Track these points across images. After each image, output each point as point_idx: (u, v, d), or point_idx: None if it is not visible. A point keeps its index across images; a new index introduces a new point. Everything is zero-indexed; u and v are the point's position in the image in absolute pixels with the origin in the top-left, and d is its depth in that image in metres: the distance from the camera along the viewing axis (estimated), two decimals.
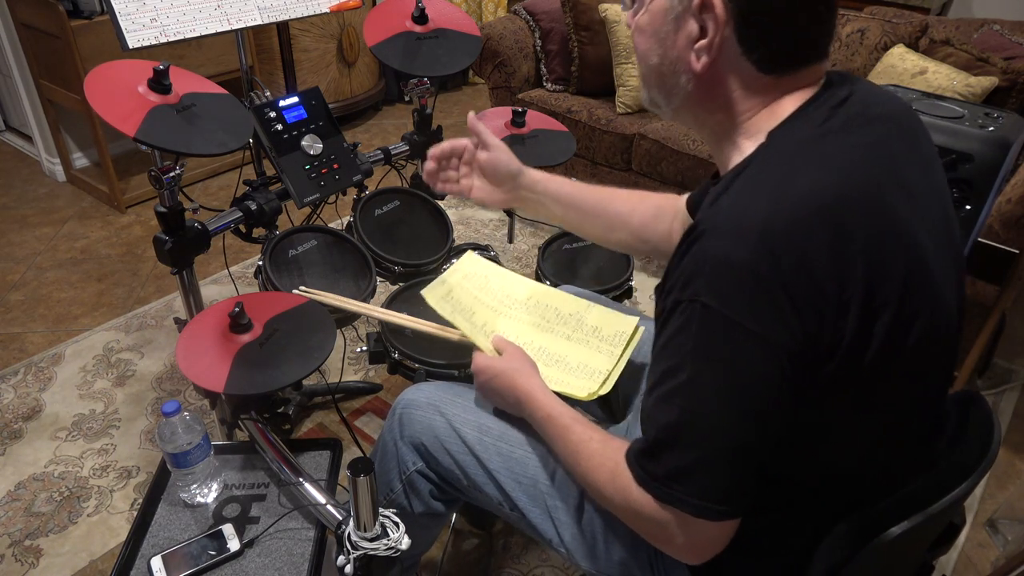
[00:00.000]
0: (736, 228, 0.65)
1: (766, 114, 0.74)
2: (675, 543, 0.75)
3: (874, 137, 0.72)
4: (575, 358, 1.07)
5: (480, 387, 1.00)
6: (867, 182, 0.68)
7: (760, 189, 0.67)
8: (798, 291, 0.63)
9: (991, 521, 1.63)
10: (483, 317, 1.06)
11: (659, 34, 0.77)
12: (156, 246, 1.29)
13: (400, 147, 1.73)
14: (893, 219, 0.68)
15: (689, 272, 0.67)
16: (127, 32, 1.32)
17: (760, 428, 0.68)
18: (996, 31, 2.26)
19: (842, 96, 0.73)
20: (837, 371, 0.66)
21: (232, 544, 0.99)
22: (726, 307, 0.65)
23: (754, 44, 0.72)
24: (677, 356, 0.69)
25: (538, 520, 0.96)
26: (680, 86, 0.78)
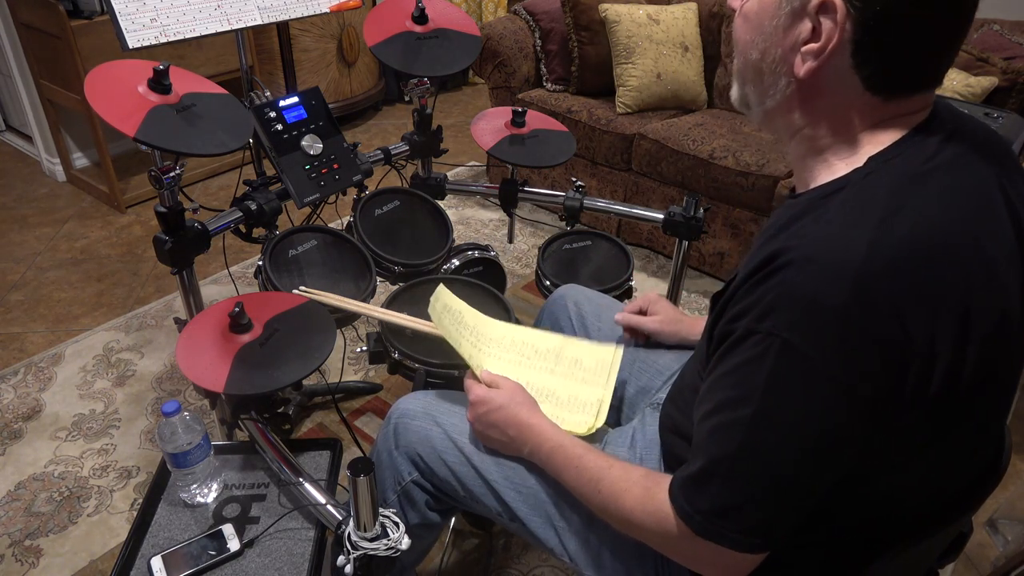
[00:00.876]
0: (829, 266, 0.60)
1: (867, 137, 0.69)
2: (706, 567, 0.74)
3: (978, 180, 0.67)
4: (564, 391, 1.06)
5: (476, 419, 0.96)
6: (968, 231, 0.64)
7: (858, 225, 0.62)
8: (889, 342, 0.60)
9: (991, 521, 1.63)
10: (468, 351, 1.05)
11: (766, 27, 0.70)
12: (156, 246, 1.29)
13: (400, 147, 1.73)
14: (991, 273, 0.64)
15: (770, 303, 0.63)
16: (127, 32, 1.32)
17: (820, 471, 0.66)
18: (996, 31, 2.26)
19: (949, 130, 0.68)
20: (913, 419, 0.64)
21: (232, 544, 0.99)
22: (811, 348, 0.61)
23: (869, 59, 0.65)
24: (743, 388, 0.66)
25: (540, 529, 0.95)
26: (778, 88, 0.72)
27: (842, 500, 0.70)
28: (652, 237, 2.62)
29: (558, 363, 1.11)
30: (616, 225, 2.69)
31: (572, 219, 1.70)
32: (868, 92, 0.67)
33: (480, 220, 2.82)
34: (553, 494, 0.94)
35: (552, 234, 1.62)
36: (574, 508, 0.92)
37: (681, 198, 2.11)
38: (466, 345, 1.06)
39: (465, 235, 2.71)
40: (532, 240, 2.72)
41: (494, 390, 0.96)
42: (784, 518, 0.68)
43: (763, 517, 0.68)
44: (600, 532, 0.91)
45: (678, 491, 0.73)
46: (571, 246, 1.60)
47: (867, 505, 0.72)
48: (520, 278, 2.50)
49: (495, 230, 2.77)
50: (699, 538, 0.70)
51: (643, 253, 2.65)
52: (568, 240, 1.61)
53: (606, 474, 0.82)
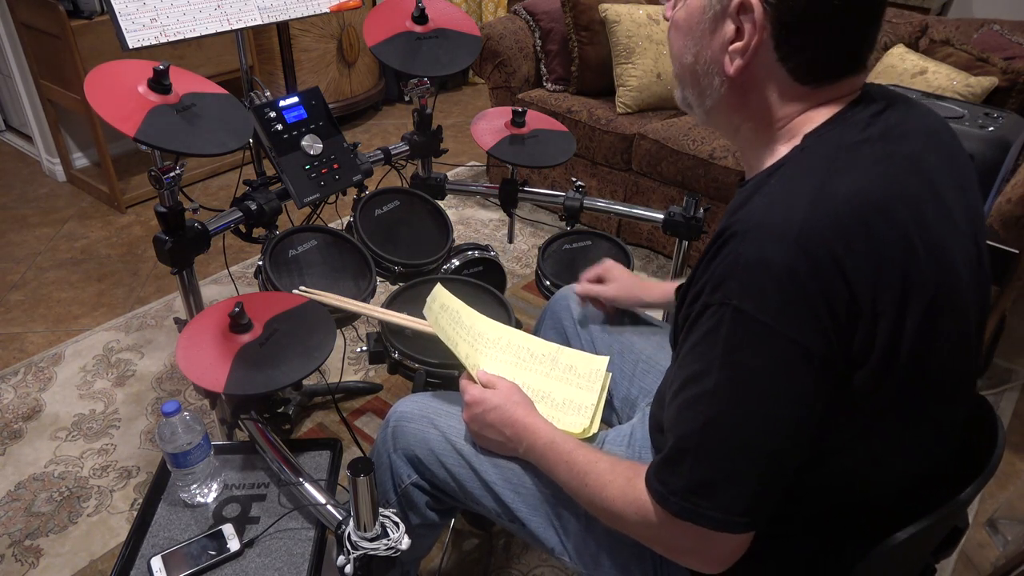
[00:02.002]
0: (772, 230, 0.63)
1: (802, 120, 0.72)
2: (692, 557, 0.74)
3: (912, 149, 0.70)
4: (559, 394, 1.06)
5: (473, 419, 0.96)
6: (905, 193, 0.66)
7: (797, 191, 0.65)
8: (835, 298, 0.62)
9: (991, 521, 1.63)
10: (464, 351, 1.05)
11: (695, 32, 0.75)
12: (156, 246, 1.29)
13: (400, 147, 1.73)
14: (929, 232, 0.66)
15: (720, 274, 0.65)
16: (127, 32, 1.32)
17: (790, 438, 0.66)
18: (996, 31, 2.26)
19: (880, 107, 0.72)
20: (864, 383, 0.65)
21: (232, 544, 0.99)
22: (760, 310, 0.62)
23: (791, 52, 0.69)
24: (703, 361, 0.67)
25: (539, 529, 0.95)
26: (713, 88, 0.76)
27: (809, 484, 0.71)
28: (652, 237, 2.62)
29: (553, 367, 1.11)
30: (616, 225, 2.69)
31: (572, 219, 1.70)
32: (797, 83, 0.71)
33: (480, 220, 2.82)
34: (551, 494, 0.94)
35: (552, 234, 1.62)
36: (572, 508, 0.92)
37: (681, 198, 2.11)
38: (463, 345, 1.06)
39: (465, 235, 2.71)
40: (532, 240, 2.72)
41: (490, 390, 0.96)
42: (760, 492, 0.68)
43: (738, 492, 0.67)
44: (598, 531, 0.91)
45: (653, 475, 0.73)
46: (571, 246, 1.60)
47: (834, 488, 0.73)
48: (520, 278, 2.50)
49: (495, 230, 2.77)
50: (679, 522, 0.70)
51: (643, 253, 2.65)
52: (568, 240, 1.61)
53: (593, 467, 0.83)
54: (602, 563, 0.91)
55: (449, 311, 1.11)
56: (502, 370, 1.05)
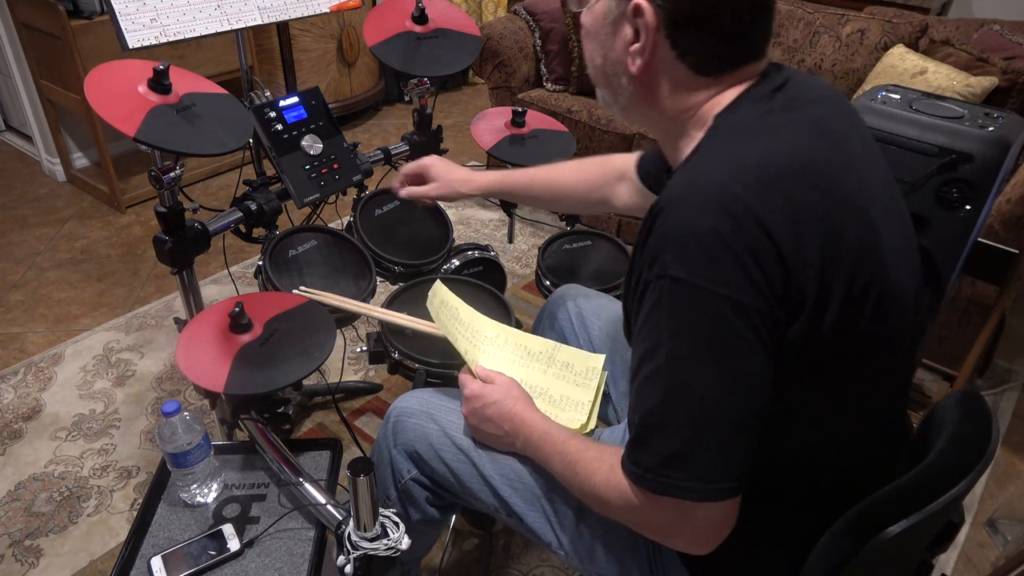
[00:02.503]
0: (694, 198, 0.67)
1: (711, 105, 0.77)
2: (680, 535, 0.74)
3: (815, 115, 0.74)
4: (556, 391, 1.06)
5: (472, 413, 0.97)
6: (813, 152, 0.70)
7: (713, 163, 0.70)
8: (760, 251, 0.65)
9: (991, 521, 1.63)
10: (463, 346, 1.06)
11: (600, 36, 0.80)
12: (156, 246, 1.29)
13: (400, 147, 1.73)
14: (842, 189, 0.70)
15: (654, 250, 0.68)
16: (127, 32, 1.32)
17: (746, 397, 0.68)
18: (996, 31, 2.26)
19: (781, 80, 0.76)
20: (802, 335, 0.67)
21: (232, 544, 0.99)
22: (694, 276, 0.65)
23: (687, 49, 0.74)
24: (652, 336, 0.69)
25: (536, 524, 0.95)
26: (623, 87, 0.81)
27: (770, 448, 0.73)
28: None
29: (550, 365, 1.11)
30: (616, 225, 2.69)
31: (572, 219, 1.70)
32: (698, 76, 0.76)
33: (480, 220, 2.82)
34: (547, 489, 0.94)
35: (552, 234, 1.62)
36: (567, 503, 0.93)
37: None
38: (462, 340, 1.06)
39: (465, 235, 2.71)
40: (532, 240, 2.72)
41: (489, 385, 0.97)
42: (729, 455, 0.69)
43: (709, 458, 0.69)
44: (592, 525, 0.91)
45: (626, 458, 0.75)
46: (571, 246, 1.60)
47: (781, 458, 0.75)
48: (520, 278, 2.50)
49: (495, 230, 2.77)
50: (660, 500, 0.71)
51: None
52: (568, 240, 1.61)
53: (582, 456, 0.84)
54: (597, 557, 0.91)
55: (448, 307, 1.11)
56: (500, 367, 1.05)
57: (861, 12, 2.49)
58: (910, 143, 1.43)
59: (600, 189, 1.24)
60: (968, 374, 1.82)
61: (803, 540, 0.78)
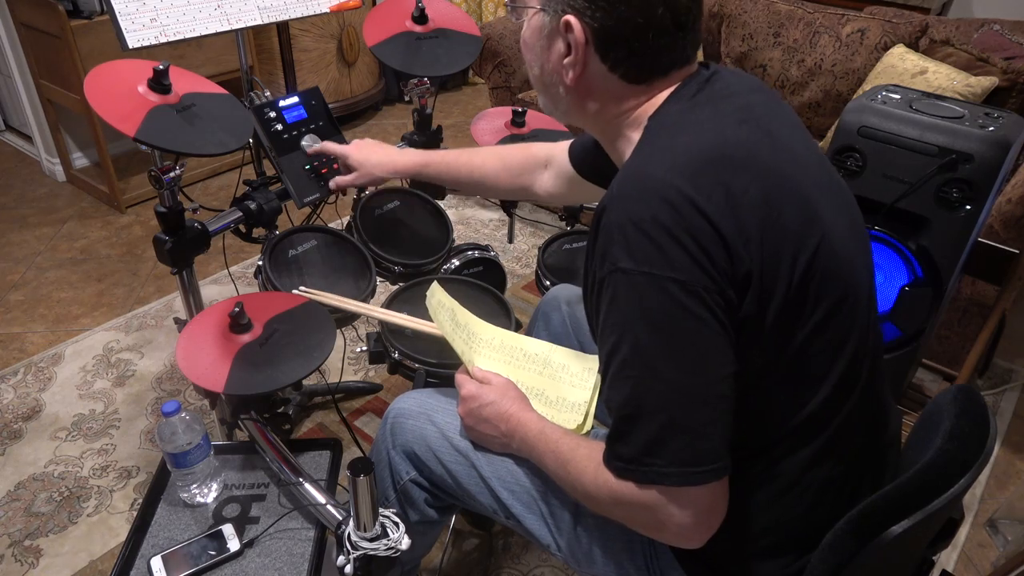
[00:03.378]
0: (632, 192, 0.70)
1: (644, 108, 0.81)
2: (672, 525, 0.73)
3: (739, 104, 0.78)
4: (552, 392, 1.06)
5: (468, 414, 0.96)
6: (741, 139, 0.74)
7: (646, 159, 0.74)
8: (700, 232, 0.67)
9: (991, 521, 1.63)
10: (460, 347, 1.05)
11: (535, 48, 0.84)
12: (156, 246, 1.29)
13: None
14: (773, 168, 0.73)
15: (602, 246, 0.71)
16: (127, 32, 1.32)
17: (713, 375, 0.69)
18: (996, 31, 2.26)
19: (706, 76, 0.80)
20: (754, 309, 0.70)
21: (232, 544, 0.99)
22: (640, 264, 0.68)
23: (617, 61, 0.78)
24: (615, 331, 0.71)
25: (534, 526, 0.95)
26: (560, 95, 0.85)
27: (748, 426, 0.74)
28: None
29: (546, 367, 1.11)
30: None
31: (572, 219, 1.70)
32: (630, 84, 0.80)
33: (480, 220, 2.82)
34: (544, 492, 0.94)
35: (552, 234, 1.62)
36: (564, 505, 0.93)
37: None
38: (459, 341, 1.06)
39: (465, 235, 2.71)
40: (532, 240, 2.72)
41: (485, 386, 0.96)
42: (707, 437, 0.70)
43: (685, 441, 0.69)
44: (589, 527, 0.91)
45: (608, 454, 0.76)
46: (571, 246, 1.60)
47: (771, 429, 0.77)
48: (520, 278, 2.50)
49: (495, 230, 2.77)
50: (645, 491, 0.72)
51: None
52: (568, 240, 1.61)
53: (573, 454, 0.84)
54: (594, 558, 0.91)
55: (445, 308, 1.11)
56: (496, 368, 1.05)
57: (861, 12, 2.49)
58: (910, 143, 1.43)
59: (522, 176, 1.29)
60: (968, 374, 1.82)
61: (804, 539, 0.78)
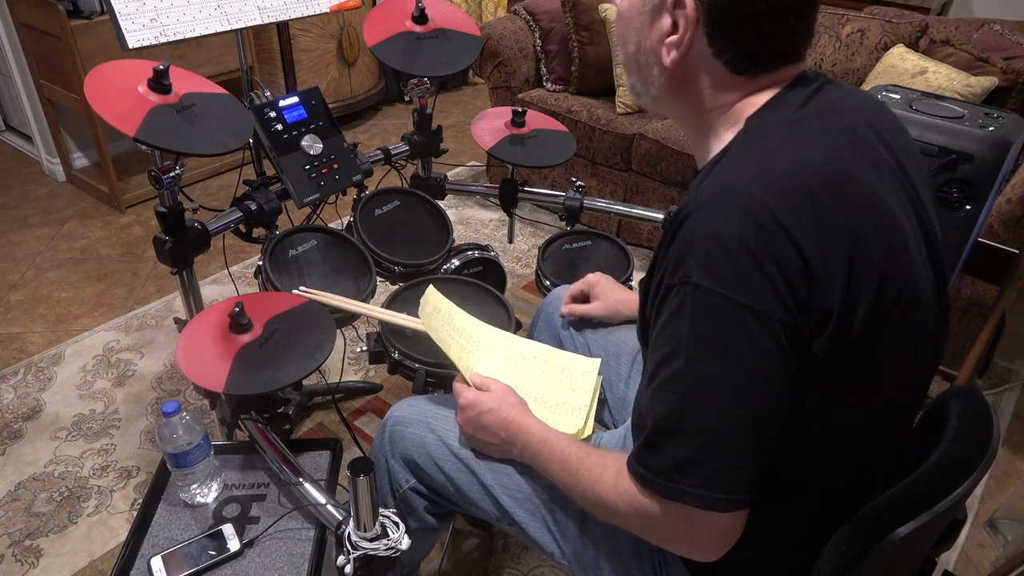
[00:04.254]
0: (721, 205, 0.66)
1: (742, 105, 0.75)
2: (686, 542, 0.73)
3: (848, 123, 0.73)
4: (552, 396, 1.06)
5: (467, 422, 0.96)
6: (843, 162, 0.69)
7: (742, 168, 0.68)
8: (786, 262, 0.64)
9: (991, 521, 1.63)
10: (458, 353, 1.04)
11: (635, 23, 0.78)
12: (156, 246, 1.29)
13: (400, 147, 1.73)
14: (871, 198, 0.69)
15: (678, 254, 0.67)
16: (127, 32, 1.32)
17: (764, 408, 0.67)
18: (996, 31, 2.26)
19: (815, 87, 0.75)
20: (827, 347, 0.66)
21: (232, 544, 0.99)
22: (718, 283, 0.64)
23: (724, 47, 0.73)
24: (672, 342, 0.68)
25: (537, 533, 0.95)
26: (654, 77, 0.79)
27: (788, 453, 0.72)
28: (652, 237, 2.62)
29: (545, 370, 1.10)
30: (616, 225, 2.69)
31: (572, 219, 1.70)
32: (733, 74, 0.74)
33: (480, 220, 2.82)
34: (549, 499, 0.94)
35: (552, 234, 1.62)
36: (569, 511, 0.92)
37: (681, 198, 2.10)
38: (455, 347, 1.06)
39: (465, 235, 2.71)
40: (532, 240, 2.72)
41: (484, 393, 0.96)
42: (741, 465, 0.68)
43: (720, 467, 0.68)
44: (595, 535, 0.91)
45: (634, 462, 0.74)
46: (571, 246, 1.60)
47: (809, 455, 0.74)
48: (520, 278, 2.50)
49: (495, 230, 2.77)
50: (668, 505, 0.71)
51: (643, 253, 2.65)
52: (568, 240, 1.61)
53: (583, 463, 0.83)
54: (601, 566, 0.91)
55: (441, 313, 1.10)
56: (495, 372, 1.05)
57: (861, 12, 2.49)
58: None
59: None
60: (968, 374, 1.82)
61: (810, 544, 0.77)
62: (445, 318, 1.10)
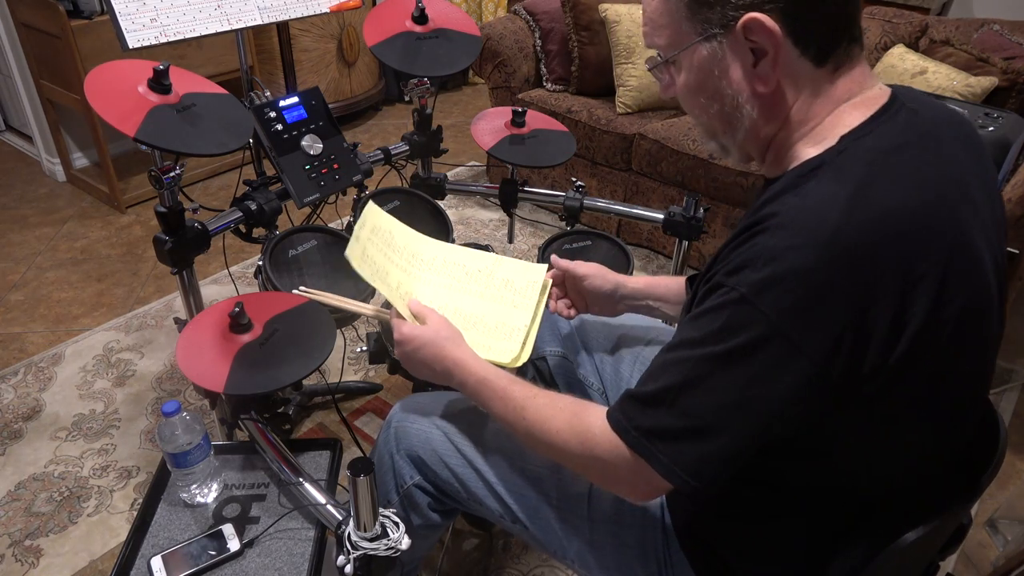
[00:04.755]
0: (803, 231, 0.62)
1: (834, 119, 0.72)
2: (626, 486, 0.76)
3: (947, 154, 0.69)
4: (492, 317, 1.04)
5: (404, 357, 0.96)
6: (943, 201, 0.65)
7: (834, 195, 0.64)
8: (855, 306, 0.61)
9: (991, 521, 1.63)
10: (396, 278, 1.02)
11: (709, 87, 0.75)
12: (156, 246, 1.29)
13: (400, 147, 1.73)
14: (963, 241, 0.66)
15: (740, 261, 0.65)
16: (127, 32, 1.32)
17: (757, 427, 0.67)
18: (996, 31, 2.26)
19: (913, 110, 0.71)
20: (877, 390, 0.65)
21: (232, 544, 0.99)
22: (769, 307, 0.62)
23: (805, 38, 0.69)
24: (701, 331, 0.68)
25: (542, 532, 0.95)
26: (743, 116, 0.75)
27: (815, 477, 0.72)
28: (652, 237, 2.62)
29: (488, 285, 1.08)
30: (616, 225, 2.69)
31: (572, 219, 1.70)
32: (817, 68, 0.71)
33: (480, 220, 2.82)
34: (555, 498, 0.94)
35: (552, 234, 1.62)
36: (575, 511, 0.92)
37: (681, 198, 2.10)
38: (394, 272, 1.04)
39: (465, 235, 2.71)
40: (532, 240, 2.72)
41: (419, 327, 0.96)
42: (713, 459, 0.69)
43: (694, 452, 0.69)
44: (602, 535, 0.91)
45: (618, 409, 0.75)
46: (571, 246, 1.60)
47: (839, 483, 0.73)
48: None
49: (495, 230, 2.77)
50: (626, 454, 0.72)
51: (643, 253, 2.65)
52: (568, 240, 1.61)
53: (531, 402, 0.84)
54: (607, 565, 0.91)
55: (381, 234, 1.06)
56: (435, 294, 1.04)
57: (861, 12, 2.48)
58: None
59: None
60: None
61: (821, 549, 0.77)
62: (385, 239, 1.07)
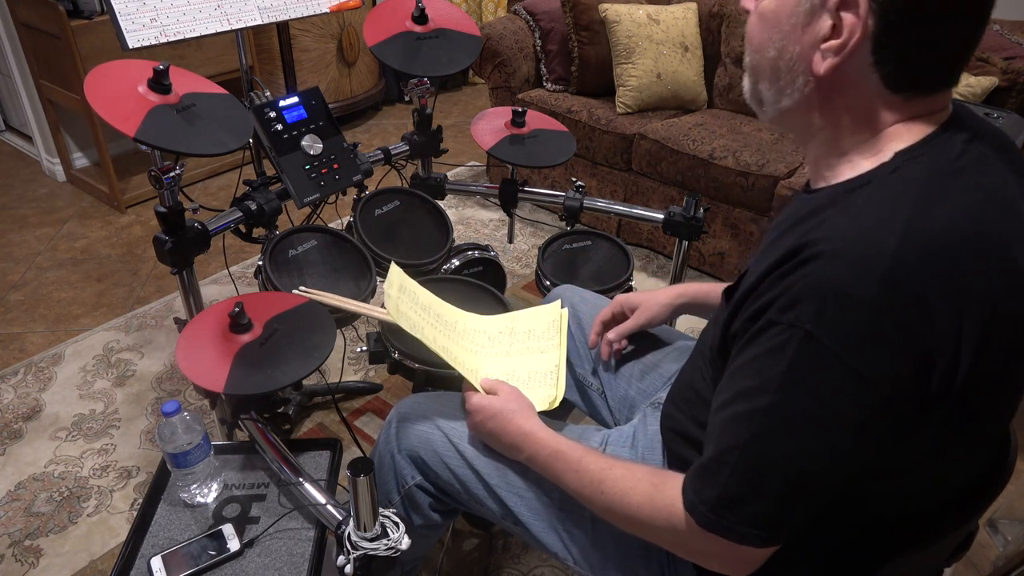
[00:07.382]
0: (860, 259, 0.60)
1: (890, 134, 0.67)
2: (716, 561, 0.74)
3: (1003, 180, 0.67)
4: (523, 370, 1.06)
5: (475, 426, 0.97)
6: (999, 228, 0.64)
7: (889, 218, 0.61)
8: (917, 337, 0.59)
9: (991, 521, 1.63)
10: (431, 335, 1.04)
11: (783, 25, 0.69)
12: (156, 246, 1.29)
13: (400, 147, 1.73)
14: (1017, 273, 0.64)
15: (796, 294, 0.62)
16: (127, 32, 1.32)
17: (833, 468, 0.65)
18: (996, 31, 2.26)
19: (972, 133, 0.68)
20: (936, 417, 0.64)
21: (232, 544, 0.99)
22: (835, 341, 0.60)
23: (889, 56, 0.64)
24: (760, 378, 0.65)
25: (543, 534, 0.95)
26: (796, 87, 0.70)
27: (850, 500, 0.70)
28: (652, 237, 2.62)
29: (513, 343, 1.09)
30: (616, 225, 2.69)
31: (572, 219, 1.70)
32: (888, 90, 0.66)
33: (480, 220, 2.82)
34: (555, 499, 0.94)
35: (552, 234, 1.62)
36: (576, 512, 0.92)
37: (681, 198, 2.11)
38: (429, 329, 1.05)
39: (465, 235, 2.71)
40: (532, 240, 2.72)
41: (490, 396, 0.96)
42: (791, 513, 0.67)
43: (770, 512, 0.67)
44: (604, 535, 0.91)
45: (688, 484, 0.73)
46: (571, 246, 1.60)
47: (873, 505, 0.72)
48: (520, 278, 2.50)
49: (495, 230, 2.77)
50: (707, 533, 0.70)
51: (643, 253, 2.65)
52: (568, 240, 1.61)
53: (608, 475, 0.82)
54: (608, 567, 0.91)
55: (408, 293, 1.09)
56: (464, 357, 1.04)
57: None
58: None
59: None
60: None
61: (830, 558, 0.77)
62: (413, 298, 1.09)
